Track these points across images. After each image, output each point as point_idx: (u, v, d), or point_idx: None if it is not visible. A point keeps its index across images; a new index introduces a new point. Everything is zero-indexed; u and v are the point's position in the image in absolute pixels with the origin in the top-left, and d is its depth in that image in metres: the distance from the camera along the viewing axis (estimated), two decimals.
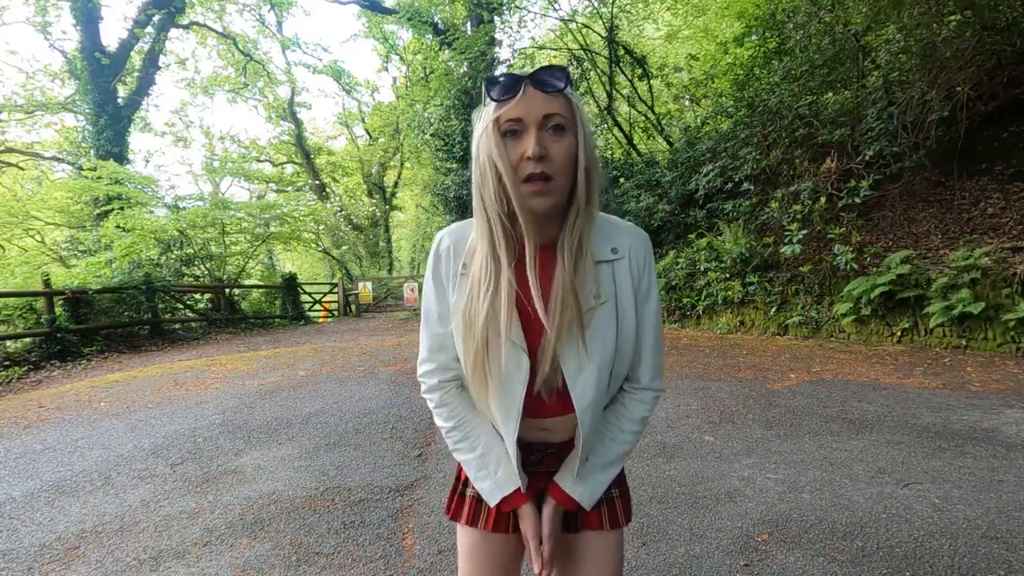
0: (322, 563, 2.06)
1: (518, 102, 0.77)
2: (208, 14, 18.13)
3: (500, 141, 0.78)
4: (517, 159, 0.77)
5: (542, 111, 0.76)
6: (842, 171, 7.31)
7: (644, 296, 0.89)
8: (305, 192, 21.24)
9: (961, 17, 6.64)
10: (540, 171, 0.76)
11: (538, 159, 0.75)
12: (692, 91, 12.31)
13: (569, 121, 0.78)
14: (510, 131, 0.78)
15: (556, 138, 0.77)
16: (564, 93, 0.79)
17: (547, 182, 0.76)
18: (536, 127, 0.76)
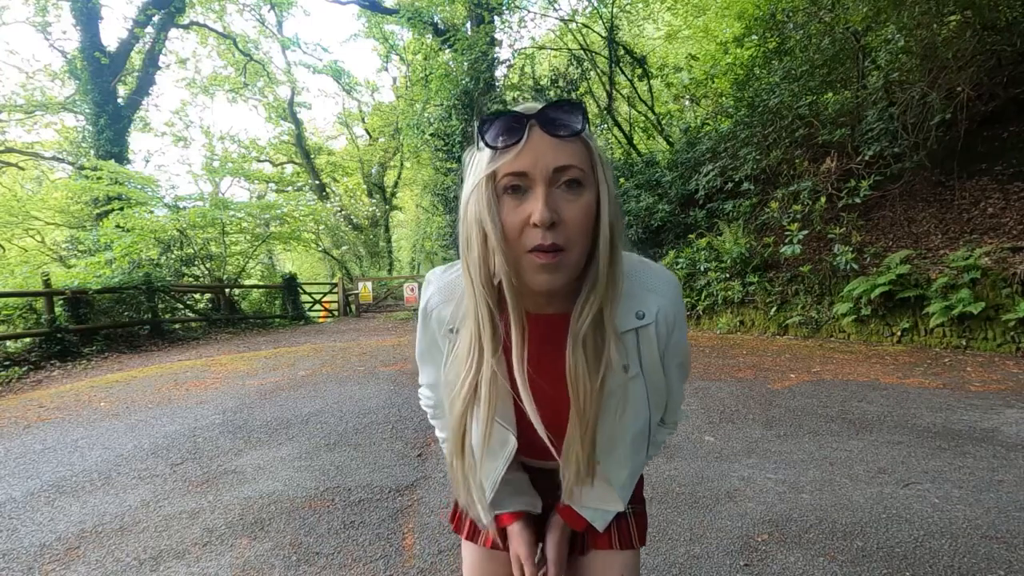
0: (322, 563, 2.06)
1: (522, 151, 0.61)
2: (208, 14, 18.14)
3: (496, 201, 0.62)
4: (520, 224, 0.61)
5: (553, 162, 0.60)
6: (842, 171, 7.31)
7: (674, 351, 0.76)
8: (305, 192, 21.22)
9: (961, 17, 6.64)
10: (550, 242, 0.60)
11: (548, 227, 0.60)
12: (692, 91, 12.30)
13: (587, 174, 0.63)
14: (511, 187, 0.62)
15: (571, 196, 0.61)
16: (581, 137, 0.63)
17: (559, 255, 0.61)
18: (545, 184, 0.60)
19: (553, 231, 0.60)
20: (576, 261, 0.63)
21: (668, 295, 0.73)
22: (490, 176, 0.62)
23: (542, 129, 0.61)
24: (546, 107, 0.62)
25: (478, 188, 0.63)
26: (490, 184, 0.62)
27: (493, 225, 0.62)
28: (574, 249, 0.62)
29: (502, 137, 0.62)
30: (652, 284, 0.73)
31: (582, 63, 12.23)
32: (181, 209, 12.33)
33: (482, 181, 0.62)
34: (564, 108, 0.62)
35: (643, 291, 0.72)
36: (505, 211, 0.62)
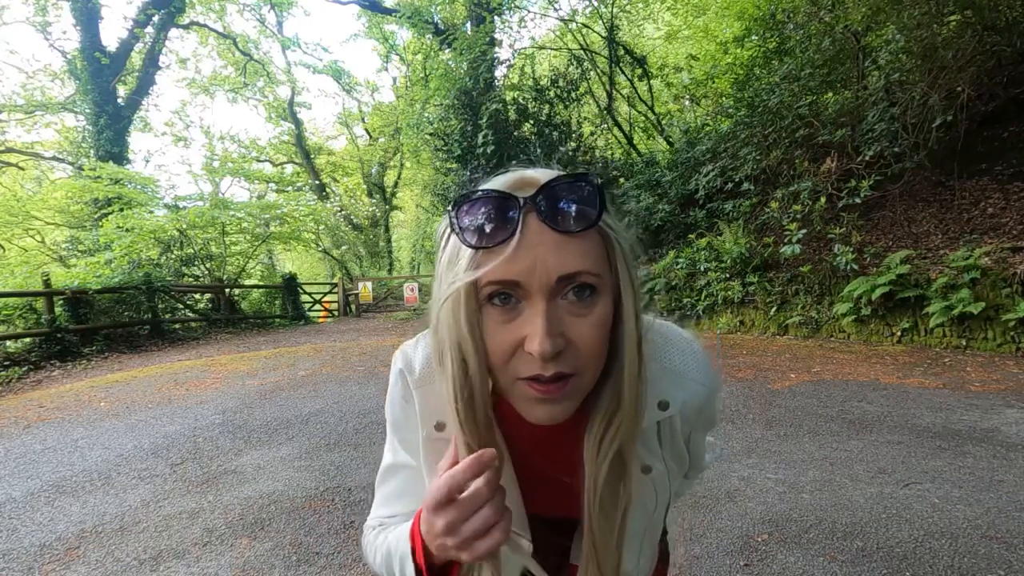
0: (322, 563, 2.06)
1: (513, 253, 0.44)
2: (208, 14, 18.14)
3: (477, 318, 0.47)
4: (510, 348, 0.46)
5: (557, 269, 0.45)
6: (842, 171, 7.31)
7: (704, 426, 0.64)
8: (305, 192, 21.22)
9: (961, 17, 6.64)
10: (553, 373, 0.45)
11: (552, 358, 0.45)
12: (692, 91, 12.30)
13: (603, 276, 0.47)
14: (500, 296, 0.46)
15: (581, 309, 0.46)
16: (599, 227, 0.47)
17: (564, 384, 0.46)
18: (546, 297, 0.45)
19: (557, 359, 0.45)
20: (587, 385, 0.49)
21: (696, 375, 0.58)
22: (470, 287, 0.46)
23: (542, 219, 0.45)
24: (547, 186, 0.46)
25: (454, 300, 0.47)
26: (471, 296, 0.46)
27: (475, 350, 0.47)
28: (586, 374, 0.48)
29: (487, 231, 0.45)
30: (675, 363, 0.58)
31: (582, 63, 12.23)
32: (181, 209, 12.34)
33: (461, 291, 0.46)
34: (573, 188, 0.46)
35: (664, 374, 0.57)
36: (489, 327, 0.47)
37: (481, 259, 0.45)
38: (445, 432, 0.57)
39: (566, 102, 11.18)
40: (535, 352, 0.44)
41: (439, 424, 0.57)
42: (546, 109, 11.01)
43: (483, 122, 10.35)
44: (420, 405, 0.58)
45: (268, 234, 13.99)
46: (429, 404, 0.58)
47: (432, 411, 0.58)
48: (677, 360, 0.58)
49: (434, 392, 0.56)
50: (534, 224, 0.45)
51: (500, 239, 0.45)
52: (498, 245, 0.45)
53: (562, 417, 0.48)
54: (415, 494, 0.63)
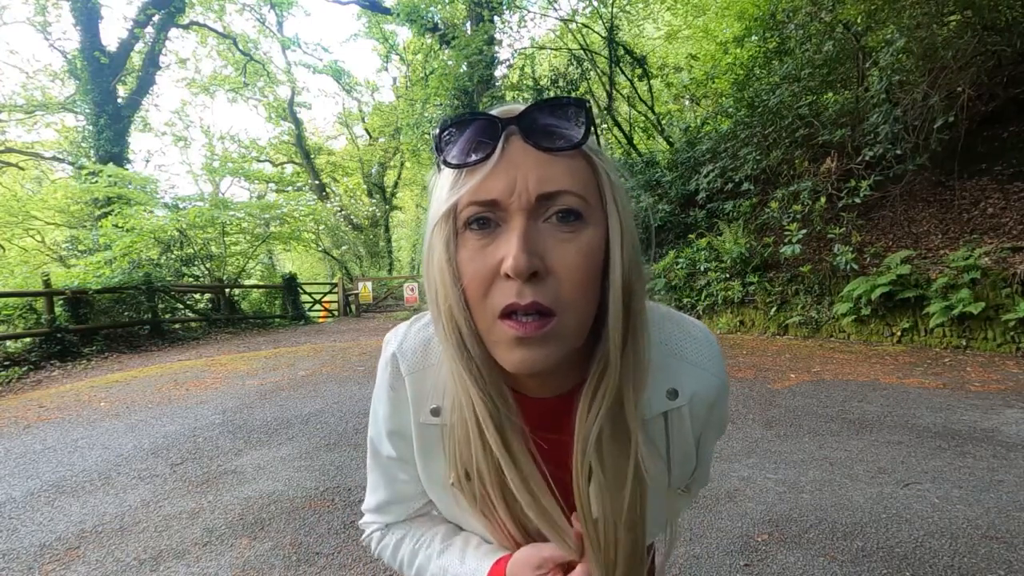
0: (322, 563, 2.06)
1: (492, 170, 0.43)
2: (208, 14, 18.13)
3: (453, 243, 0.44)
4: (486, 275, 0.43)
5: (538, 186, 0.42)
6: (842, 171, 7.31)
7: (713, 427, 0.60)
8: (305, 192, 21.22)
9: (961, 17, 6.64)
10: (530, 301, 0.41)
11: (527, 277, 0.41)
12: (692, 91, 12.30)
13: (589, 202, 0.44)
14: (475, 219, 0.43)
15: (564, 233, 0.43)
16: (582, 150, 0.45)
17: (544, 321, 0.42)
18: (525, 215, 0.42)
19: (535, 285, 0.41)
20: (573, 331, 0.44)
21: (709, 366, 0.55)
22: (450, 209, 0.44)
23: (525, 139, 0.43)
24: (531, 107, 0.44)
25: (438, 227, 0.45)
26: (449, 221, 0.44)
27: (450, 279, 0.44)
28: (569, 313, 0.43)
29: (468, 151, 0.44)
30: (687, 351, 0.54)
31: (582, 63, 12.23)
32: (181, 209, 12.34)
33: (439, 217, 0.44)
34: (557, 109, 0.44)
35: (675, 361, 0.53)
36: (465, 255, 0.44)
37: (462, 181, 0.44)
38: (440, 417, 0.53)
39: None
40: (509, 268, 0.41)
41: (435, 409, 0.54)
42: None
43: None
44: (413, 392, 0.55)
45: (268, 234, 13.99)
46: (423, 389, 0.54)
47: (427, 396, 0.54)
48: (689, 347, 0.55)
49: (429, 376, 0.54)
50: (517, 144, 0.44)
51: (480, 158, 0.43)
52: (478, 163, 0.43)
53: (543, 364, 0.43)
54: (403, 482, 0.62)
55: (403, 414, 0.57)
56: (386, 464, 0.63)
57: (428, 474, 0.58)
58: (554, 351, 0.43)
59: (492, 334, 0.44)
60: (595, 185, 0.45)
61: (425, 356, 0.55)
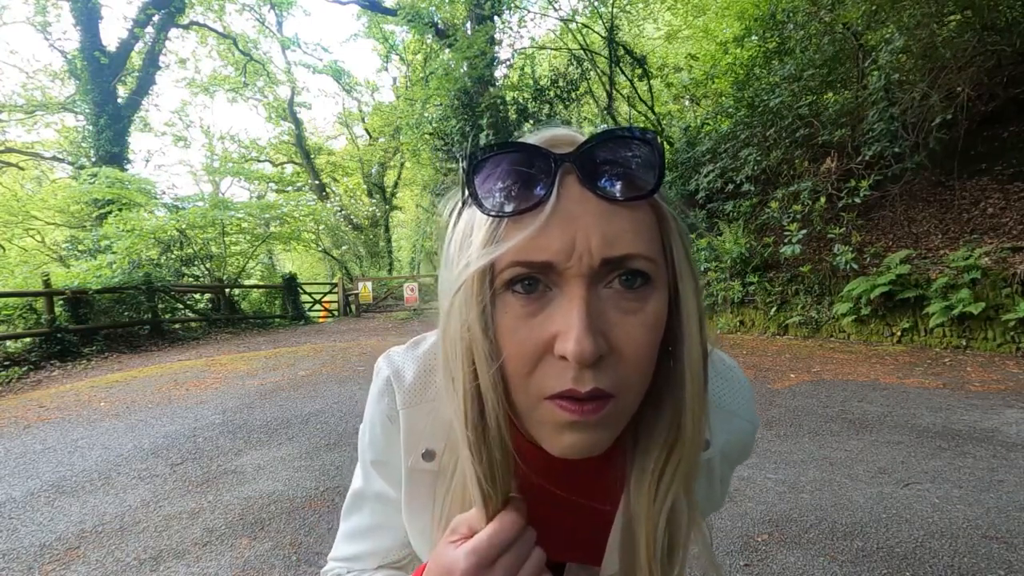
0: (322, 563, 2.06)
1: (546, 224, 0.34)
2: (208, 14, 18.13)
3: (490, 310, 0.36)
4: (536, 350, 0.35)
5: (603, 249, 0.34)
6: (842, 171, 7.31)
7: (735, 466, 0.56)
8: (305, 192, 21.23)
9: (961, 17, 6.65)
10: (592, 388, 0.34)
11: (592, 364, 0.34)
12: (692, 91, 12.31)
13: (657, 262, 0.37)
14: (523, 281, 0.35)
15: (631, 303, 0.36)
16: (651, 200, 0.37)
17: (602, 403, 0.36)
18: (586, 283, 0.34)
19: (596, 368, 0.34)
20: (629, 411, 0.38)
21: (744, 413, 0.51)
22: (487, 267, 0.36)
23: (583, 183, 0.35)
24: (593, 142, 0.36)
25: (466, 288, 0.37)
26: (485, 282, 0.36)
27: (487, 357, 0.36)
28: (629, 394, 0.37)
29: (512, 195, 0.35)
30: (724, 398, 0.50)
31: (582, 63, 12.24)
32: (181, 209, 12.35)
33: (473, 276, 0.36)
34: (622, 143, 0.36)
35: (712, 411, 0.47)
36: (508, 323, 0.36)
37: (504, 233, 0.35)
38: (433, 463, 0.47)
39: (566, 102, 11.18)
40: (570, 354, 0.33)
41: (428, 452, 0.47)
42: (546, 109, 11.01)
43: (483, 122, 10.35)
44: (406, 428, 0.48)
45: (268, 234, 13.99)
46: (417, 427, 0.48)
47: (421, 436, 0.47)
48: (725, 394, 0.50)
49: (424, 413, 0.47)
50: (574, 190, 0.35)
51: (529, 205, 0.35)
52: (526, 213, 0.35)
53: (596, 450, 0.37)
54: (389, 530, 0.53)
55: (394, 453, 0.50)
56: (372, 504, 0.54)
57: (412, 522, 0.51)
58: (608, 435, 0.37)
59: (536, 414, 0.37)
60: (661, 240, 0.38)
61: (424, 390, 0.48)
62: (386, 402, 0.50)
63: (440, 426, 0.46)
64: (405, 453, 0.48)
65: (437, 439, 0.46)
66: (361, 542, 0.55)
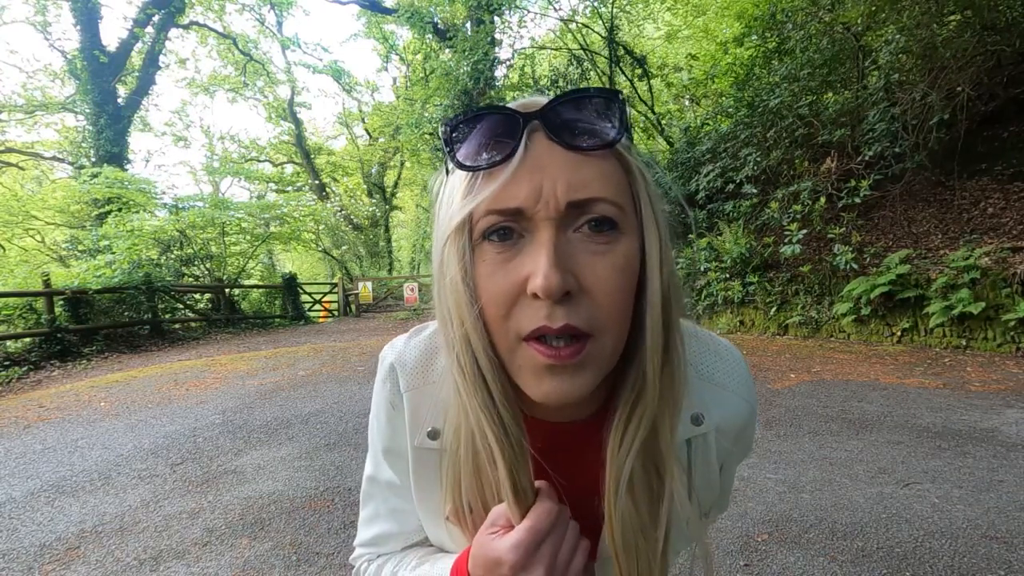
0: (322, 563, 2.06)
1: (516, 174, 0.37)
2: (208, 14, 18.13)
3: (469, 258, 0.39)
4: (509, 293, 0.38)
5: (568, 192, 0.37)
6: (842, 171, 7.31)
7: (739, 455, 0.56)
8: (305, 192, 21.23)
9: (961, 17, 6.64)
10: (562, 324, 0.36)
11: (559, 298, 0.36)
12: (692, 91, 12.31)
13: (624, 209, 0.39)
14: (498, 231, 0.38)
15: (597, 245, 0.38)
16: (617, 149, 0.40)
17: (579, 346, 0.38)
18: (554, 225, 0.37)
19: (567, 305, 0.37)
20: (608, 356, 0.40)
21: (739, 389, 0.51)
22: (465, 220, 0.39)
23: (550, 137, 0.38)
24: (556, 100, 0.39)
25: (451, 240, 0.40)
26: (464, 231, 0.39)
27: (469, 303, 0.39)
28: (605, 336, 0.38)
29: (484, 151, 0.38)
30: (716, 373, 0.50)
31: (582, 63, 12.24)
32: (181, 210, 12.35)
33: (452, 230, 0.39)
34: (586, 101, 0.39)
35: (702, 383, 0.49)
36: (484, 271, 0.39)
37: (479, 186, 0.38)
38: (438, 441, 0.48)
39: None
40: (538, 288, 0.35)
41: (433, 431, 0.49)
42: None
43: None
44: (410, 410, 0.50)
45: (268, 234, 13.99)
46: (421, 408, 0.49)
47: (425, 416, 0.49)
48: (716, 368, 0.50)
49: (428, 394, 0.49)
50: (541, 143, 0.38)
51: (500, 158, 0.38)
52: (497, 166, 0.38)
53: (576, 395, 0.38)
54: (405, 512, 0.55)
55: (403, 434, 0.52)
56: (385, 491, 0.57)
57: (423, 504, 0.53)
58: (589, 379, 0.39)
59: (516, 359, 0.39)
60: (629, 189, 0.40)
61: (426, 372, 0.50)
62: (388, 388, 0.52)
63: (442, 407, 0.47)
64: (411, 433, 0.50)
65: (441, 418, 0.48)
66: (381, 524, 0.57)
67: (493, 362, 0.40)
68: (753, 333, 7.36)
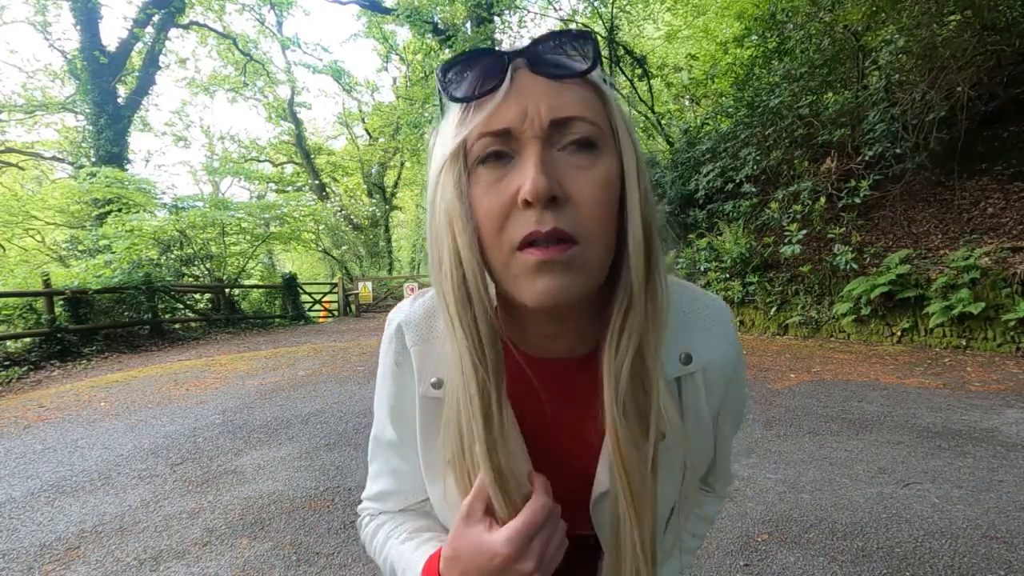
0: (322, 563, 2.06)
1: (504, 101, 0.42)
2: (208, 14, 18.12)
3: (465, 181, 0.43)
4: (502, 208, 0.41)
5: (550, 112, 0.41)
6: (842, 171, 7.31)
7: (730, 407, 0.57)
8: (305, 192, 21.23)
9: (961, 17, 6.64)
10: (551, 228, 0.40)
11: (547, 203, 0.40)
12: (692, 91, 12.31)
13: (603, 130, 0.43)
14: (491, 156, 0.42)
15: (582, 162, 0.42)
16: (590, 80, 0.44)
17: (566, 247, 0.41)
18: (540, 142, 0.41)
19: (555, 211, 0.40)
20: (594, 262, 0.43)
21: (723, 333, 0.53)
22: (460, 146, 0.43)
23: (533, 70, 0.43)
24: (536, 40, 0.43)
25: (446, 168, 0.43)
26: (458, 157, 0.43)
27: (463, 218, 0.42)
28: (590, 243, 0.42)
29: (475, 83, 0.43)
30: (700, 316, 0.53)
31: None
32: (181, 210, 12.35)
33: (447, 155, 0.43)
34: (563, 40, 0.43)
35: (688, 324, 0.52)
36: (479, 191, 0.42)
37: (471, 117, 0.43)
38: (441, 391, 0.51)
39: None
40: (527, 192, 0.39)
41: (437, 381, 0.52)
42: None
43: None
44: (417, 363, 0.53)
45: (268, 234, 13.99)
46: (427, 361, 0.53)
47: (430, 368, 0.52)
48: (702, 313, 0.53)
49: (433, 348, 0.52)
50: (525, 76, 0.43)
51: (488, 89, 0.42)
52: (486, 95, 0.42)
53: (567, 293, 0.41)
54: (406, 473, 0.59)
55: (407, 392, 0.54)
56: (387, 451, 0.60)
57: (427, 458, 0.55)
58: (578, 280, 0.42)
59: (511, 268, 0.42)
60: (606, 115, 0.44)
61: (430, 327, 0.53)
62: (395, 346, 0.55)
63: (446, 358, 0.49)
64: (418, 383, 0.53)
65: (444, 370, 0.51)
66: (382, 482, 0.63)
67: (480, 280, 0.43)
68: (753, 333, 7.36)
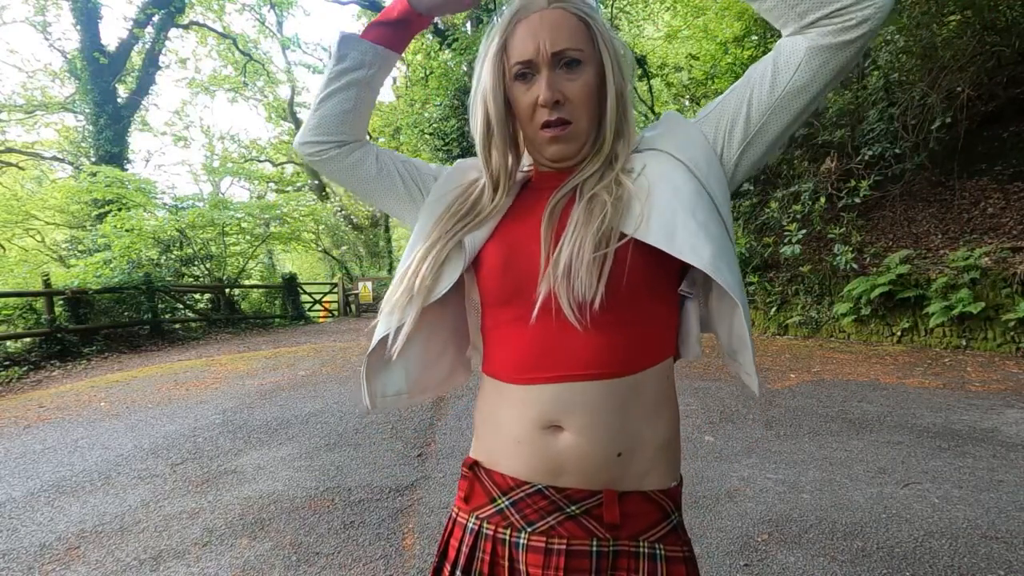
0: (322, 563, 2.06)
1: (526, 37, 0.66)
2: (208, 14, 18.11)
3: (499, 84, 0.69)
4: (530, 106, 0.68)
5: (551, 48, 0.65)
6: (842, 171, 7.31)
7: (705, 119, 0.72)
8: (305, 192, 21.23)
9: (961, 17, 6.64)
10: (556, 117, 0.66)
11: (553, 104, 0.66)
12: (692, 91, 12.29)
13: (586, 51, 0.67)
14: (520, 74, 0.68)
15: (571, 75, 0.66)
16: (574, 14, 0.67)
17: (566, 127, 0.67)
18: (548, 68, 0.66)
19: (558, 108, 0.67)
20: (584, 132, 0.69)
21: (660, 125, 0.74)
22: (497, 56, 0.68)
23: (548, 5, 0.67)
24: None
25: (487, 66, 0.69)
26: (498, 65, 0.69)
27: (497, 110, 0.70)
28: (580, 121, 0.68)
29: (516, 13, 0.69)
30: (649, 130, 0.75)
31: None
32: (181, 210, 12.34)
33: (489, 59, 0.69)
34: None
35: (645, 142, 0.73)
36: (516, 95, 0.70)
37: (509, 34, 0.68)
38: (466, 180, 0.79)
39: None
40: (541, 100, 0.66)
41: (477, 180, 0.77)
42: None
43: None
44: (457, 165, 0.82)
45: (268, 234, 13.98)
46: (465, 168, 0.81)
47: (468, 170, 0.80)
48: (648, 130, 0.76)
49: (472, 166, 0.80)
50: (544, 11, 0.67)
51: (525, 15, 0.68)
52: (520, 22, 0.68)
53: (567, 152, 0.69)
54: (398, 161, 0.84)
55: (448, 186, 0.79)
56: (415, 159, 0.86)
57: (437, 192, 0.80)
58: (573, 144, 0.69)
59: (537, 139, 0.70)
60: (590, 38, 0.68)
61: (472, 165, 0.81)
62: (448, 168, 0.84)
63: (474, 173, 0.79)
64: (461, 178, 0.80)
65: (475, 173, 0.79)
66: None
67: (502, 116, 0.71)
68: (753, 333, 7.37)
